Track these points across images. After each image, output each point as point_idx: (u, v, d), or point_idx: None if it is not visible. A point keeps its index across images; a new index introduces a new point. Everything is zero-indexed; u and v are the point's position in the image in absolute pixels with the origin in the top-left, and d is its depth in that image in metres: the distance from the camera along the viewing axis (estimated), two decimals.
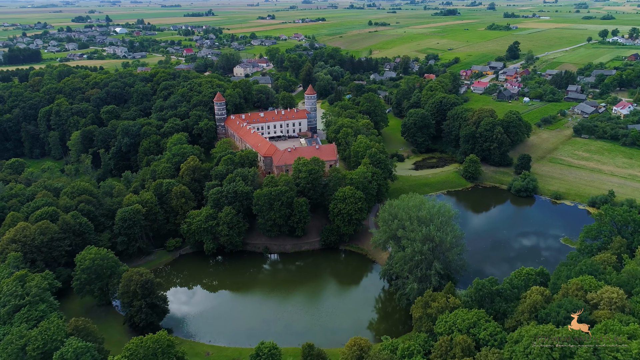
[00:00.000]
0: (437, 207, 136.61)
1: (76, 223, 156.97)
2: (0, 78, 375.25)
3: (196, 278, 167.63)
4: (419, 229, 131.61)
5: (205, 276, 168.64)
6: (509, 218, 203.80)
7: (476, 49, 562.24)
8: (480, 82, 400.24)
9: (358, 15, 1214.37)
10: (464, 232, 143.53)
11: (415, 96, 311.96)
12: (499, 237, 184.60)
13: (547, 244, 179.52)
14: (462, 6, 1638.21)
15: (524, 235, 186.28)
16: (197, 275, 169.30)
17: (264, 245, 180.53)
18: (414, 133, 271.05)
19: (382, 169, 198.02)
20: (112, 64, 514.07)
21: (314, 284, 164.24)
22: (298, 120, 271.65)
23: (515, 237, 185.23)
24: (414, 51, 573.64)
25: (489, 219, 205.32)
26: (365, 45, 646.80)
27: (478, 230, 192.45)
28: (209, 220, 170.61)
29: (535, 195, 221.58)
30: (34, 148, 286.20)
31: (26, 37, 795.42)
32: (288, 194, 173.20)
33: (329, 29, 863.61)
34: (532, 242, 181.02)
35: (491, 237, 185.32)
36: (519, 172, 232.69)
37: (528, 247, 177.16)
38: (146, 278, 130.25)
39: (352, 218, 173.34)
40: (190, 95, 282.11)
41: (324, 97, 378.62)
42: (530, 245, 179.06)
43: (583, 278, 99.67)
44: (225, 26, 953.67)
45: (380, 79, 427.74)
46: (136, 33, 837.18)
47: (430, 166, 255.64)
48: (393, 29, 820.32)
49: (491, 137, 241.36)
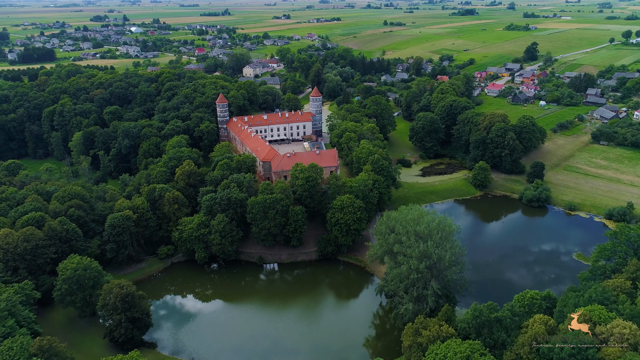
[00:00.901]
0: (436, 222, 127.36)
1: (63, 229, 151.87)
2: (11, 77, 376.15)
3: (187, 288, 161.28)
4: (416, 244, 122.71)
5: (196, 286, 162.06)
6: (518, 230, 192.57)
7: (492, 50, 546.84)
8: (495, 84, 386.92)
9: (374, 15, 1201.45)
10: (466, 247, 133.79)
11: (425, 99, 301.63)
12: (507, 251, 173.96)
13: (558, 259, 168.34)
14: (481, 6, 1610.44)
15: (533, 249, 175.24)
16: (188, 285, 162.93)
17: (259, 254, 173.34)
18: (422, 138, 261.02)
19: (385, 176, 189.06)
20: (124, 64, 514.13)
21: (308, 297, 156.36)
22: (302, 123, 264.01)
23: (525, 250, 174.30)
24: (428, 52, 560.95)
25: (498, 230, 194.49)
26: (379, 45, 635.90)
27: (485, 242, 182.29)
28: (200, 228, 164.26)
29: (548, 205, 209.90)
30: (37, 148, 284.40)
31: (44, 36, 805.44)
32: (283, 202, 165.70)
33: (343, 29, 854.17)
34: (542, 257, 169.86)
35: (499, 250, 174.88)
36: (532, 180, 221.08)
37: (537, 263, 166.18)
38: (127, 291, 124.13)
39: (350, 228, 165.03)
40: (193, 97, 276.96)
41: (332, 99, 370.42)
42: (540, 260, 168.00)
43: (592, 308, 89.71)
44: (239, 26, 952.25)
45: (392, 80, 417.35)
46: (151, 32, 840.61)
47: (438, 172, 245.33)
48: (408, 29, 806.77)
49: (502, 143, 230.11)
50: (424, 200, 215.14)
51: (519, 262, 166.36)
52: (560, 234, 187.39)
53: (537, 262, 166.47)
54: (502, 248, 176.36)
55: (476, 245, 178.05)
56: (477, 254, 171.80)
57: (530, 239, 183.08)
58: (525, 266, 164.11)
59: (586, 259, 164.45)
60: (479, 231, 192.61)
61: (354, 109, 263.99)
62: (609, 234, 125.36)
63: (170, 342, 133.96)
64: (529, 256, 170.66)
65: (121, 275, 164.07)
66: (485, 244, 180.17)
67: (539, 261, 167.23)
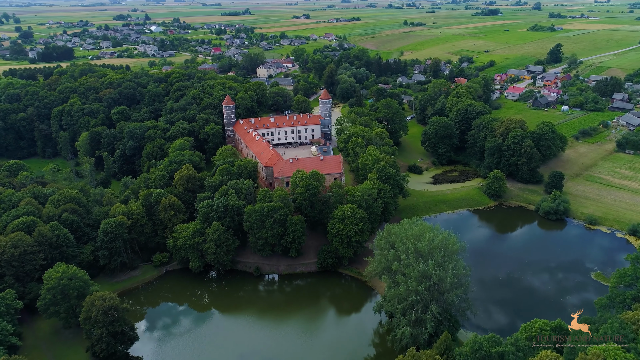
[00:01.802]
0: (439, 239, 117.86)
1: (53, 235, 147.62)
2: (26, 76, 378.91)
3: (179, 298, 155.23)
4: (416, 264, 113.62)
5: (190, 296, 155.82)
6: (533, 244, 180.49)
7: (514, 52, 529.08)
8: (516, 87, 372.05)
9: (395, 15, 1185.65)
10: (471, 267, 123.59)
11: (440, 102, 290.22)
12: (518, 267, 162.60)
13: (575, 279, 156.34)
14: (506, 6, 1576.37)
15: (548, 266, 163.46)
16: (181, 294, 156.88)
17: (256, 264, 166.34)
18: (435, 143, 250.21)
19: (392, 185, 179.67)
20: (140, 63, 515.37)
21: (305, 312, 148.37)
22: (311, 127, 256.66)
23: (538, 267, 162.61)
24: (447, 53, 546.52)
25: (510, 244, 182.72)
26: (397, 46, 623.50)
27: (496, 256, 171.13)
28: (195, 237, 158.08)
29: (567, 218, 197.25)
30: (46, 148, 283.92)
31: (66, 35, 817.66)
32: (282, 211, 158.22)
33: (362, 28, 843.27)
34: (557, 276, 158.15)
35: (510, 266, 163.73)
36: (550, 191, 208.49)
37: (551, 282, 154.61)
38: (109, 304, 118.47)
39: (351, 240, 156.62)
40: (201, 98, 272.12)
41: (346, 101, 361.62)
42: (554, 279, 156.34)
43: (607, 348, 79.43)
44: (258, 25, 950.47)
45: (407, 82, 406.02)
46: (170, 31, 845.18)
47: (451, 180, 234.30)
48: (428, 29, 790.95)
49: (519, 150, 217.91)
50: (434, 209, 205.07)
51: (531, 281, 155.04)
52: (578, 250, 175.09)
53: (551, 281, 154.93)
54: (513, 264, 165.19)
55: (486, 260, 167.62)
56: (487, 269, 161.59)
57: (545, 255, 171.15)
58: (537, 285, 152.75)
59: (606, 279, 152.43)
60: (490, 245, 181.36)
61: (364, 112, 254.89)
62: (630, 258, 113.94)
63: (157, 357, 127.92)
64: (542, 274, 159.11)
65: (114, 283, 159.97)
66: (496, 259, 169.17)
67: (553, 280, 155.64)
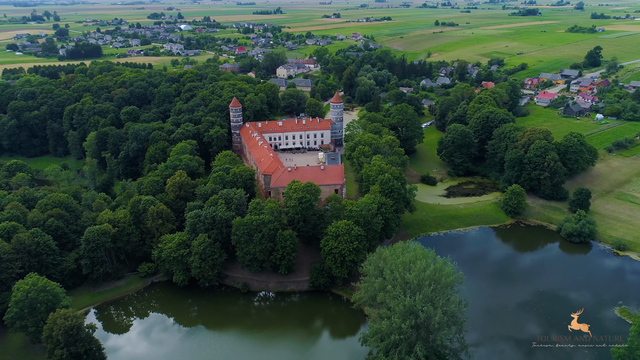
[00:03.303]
0: (431, 269, 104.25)
1: (33, 242, 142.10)
2: (48, 73, 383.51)
3: (161, 312, 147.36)
4: (402, 297, 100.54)
5: (173, 311, 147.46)
6: (551, 270, 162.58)
7: (550, 54, 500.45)
8: (547, 92, 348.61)
9: (427, 15, 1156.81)
10: (469, 303, 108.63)
11: (461, 108, 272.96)
12: (531, 296, 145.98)
13: (595, 313, 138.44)
14: (546, 6, 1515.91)
15: (566, 297, 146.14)
16: (164, 308, 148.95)
17: (244, 280, 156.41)
18: (452, 152, 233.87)
19: (395, 199, 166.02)
20: (163, 61, 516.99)
21: (291, 335, 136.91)
22: (320, 131, 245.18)
23: (554, 297, 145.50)
24: (477, 55, 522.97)
25: (525, 268, 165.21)
26: (426, 47, 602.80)
27: (506, 282, 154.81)
28: (180, 249, 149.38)
29: (592, 241, 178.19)
30: (57, 146, 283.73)
31: (99, 32, 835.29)
32: (271, 225, 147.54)
33: (391, 28, 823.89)
34: (574, 308, 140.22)
35: (521, 294, 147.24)
36: (575, 210, 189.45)
37: (566, 315, 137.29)
38: (71, 323, 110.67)
39: (345, 259, 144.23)
40: (210, 99, 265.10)
41: (364, 104, 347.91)
42: (570, 311, 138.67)
43: None
44: (287, 24, 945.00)
45: (431, 85, 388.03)
46: (198, 30, 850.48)
47: (466, 193, 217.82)
48: (460, 29, 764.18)
49: (542, 164, 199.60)
50: (444, 226, 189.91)
51: (543, 314, 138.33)
52: (602, 279, 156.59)
53: (565, 314, 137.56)
54: (526, 292, 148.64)
55: (496, 286, 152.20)
56: (496, 297, 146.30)
57: (564, 283, 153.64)
58: (550, 320, 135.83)
59: (631, 316, 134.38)
60: (502, 268, 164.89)
61: (376, 117, 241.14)
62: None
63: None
64: (557, 305, 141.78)
65: (96, 293, 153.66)
66: (508, 285, 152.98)
67: (568, 312, 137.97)
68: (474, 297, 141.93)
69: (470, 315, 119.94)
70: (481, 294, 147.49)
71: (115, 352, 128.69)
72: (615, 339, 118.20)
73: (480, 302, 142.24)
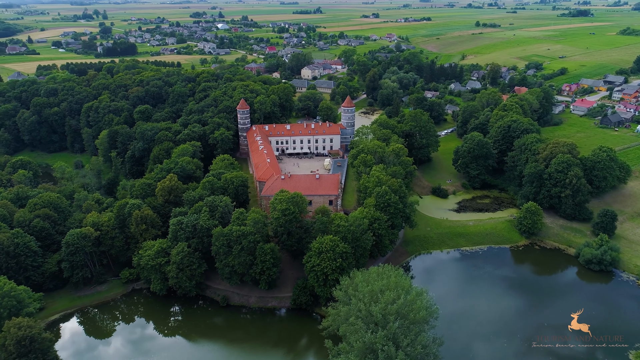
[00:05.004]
0: (399, 303, 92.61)
1: (11, 243, 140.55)
2: (77, 70, 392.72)
3: (138, 321, 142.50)
4: (363, 333, 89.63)
5: (149, 321, 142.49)
6: (561, 301, 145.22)
7: (595, 58, 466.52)
8: (585, 100, 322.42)
9: (470, 16, 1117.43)
10: (443, 341, 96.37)
11: (483, 116, 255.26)
12: (535, 333, 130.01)
13: (608, 354, 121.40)
14: (601, 6, 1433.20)
15: (575, 334, 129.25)
16: (141, 317, 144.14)
17: (225, 293, 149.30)
18: (468, 163, 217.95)
19: (391, 214, 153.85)
20: (192, 60, 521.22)
21: (265, 357, 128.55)
22: (329, 136, 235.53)
23: (561, 333, 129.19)
24: (515, 58, 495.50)
25: (532, 298, 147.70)
26: (461, 49, 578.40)
27: (508, 314, 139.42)
28: (159, 257, 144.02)
29: (615, 270, 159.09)
30: (74, 143, 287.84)
31: (140, 31, 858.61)
32: (251, 237, 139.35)
33: (429, 29, 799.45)
34: (583, 349, 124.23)
35: (523, 329, 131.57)
36: (597, 233, 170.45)
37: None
38: (24, 333, 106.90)
39: (327, 278, 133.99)
40: (221, 100, 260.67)
41: (385, 108, 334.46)
42: (579, 354, 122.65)
43: None
44: (323, 24, 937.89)
45: (459, 89, 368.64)
46: (234, 29, 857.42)
47: (479, 209, 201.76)
48: (501, 31, 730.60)
49: (563, 180, 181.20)
50: (448, 244, 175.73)
51: (546, 355, 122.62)
52: (620, 316, 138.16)
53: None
54: (530, 327, 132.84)
55: (494, 318, 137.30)
56: (494, 333, 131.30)
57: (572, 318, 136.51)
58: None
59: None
60: (505, 297, 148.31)
61: (388, 123, 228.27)
62: None
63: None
64: (563, 346, 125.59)
65: (76, 298, 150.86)
66: (508, 318, 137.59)
67: (576, 355, 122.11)
68: (460, 330, 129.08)
69: (454, 350, 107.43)
70: (477, 327, 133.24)
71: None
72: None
73: (470, 339, 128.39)
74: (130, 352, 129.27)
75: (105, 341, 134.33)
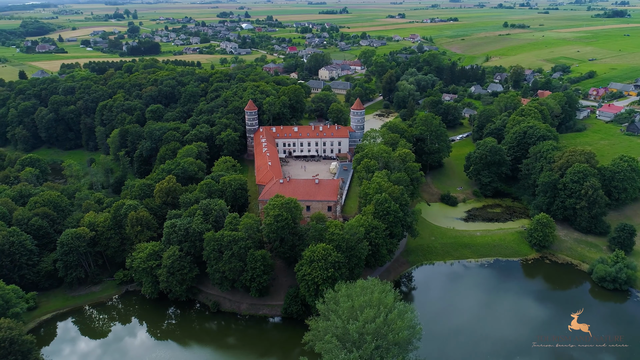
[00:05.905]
0: (378, 322, 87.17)
1: (7, 241, 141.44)
2: (98, 69, 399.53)
3: (128, 323, 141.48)
4: (337, 353, 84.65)
5: (140, 323, 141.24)
6: (569, 322, 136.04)
7: (627, 61, 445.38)
8: (613, 105, 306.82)
9: (500, 16, 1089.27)
10: None
11: (500, 120, 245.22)
12: (537, 356, 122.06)
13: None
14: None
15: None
16: (132, 319, 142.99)
17: (216, 299, 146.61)
18: (479, 170, 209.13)
19: (390, 223, 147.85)
20: (212, 60, 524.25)
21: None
22: (337, 139, 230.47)
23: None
24: (541, 60, 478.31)
25: (536, 318, 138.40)
26: (486, 50, 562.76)
27: (511, 336, 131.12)
28: (150, 259, 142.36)
29: (632, 289, 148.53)
30: (89, 141, 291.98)
31: (166, 30, 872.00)
32: (242, 242, 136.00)
33: (455, 30, 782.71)
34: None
35: (527, 354, 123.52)
36: (614, 248, 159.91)
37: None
38: (4, 335, 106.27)
39: (318, 288, 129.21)
40: (231, 100, 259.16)
41: (401, 110, 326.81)
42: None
43: None
44: (347, 24, 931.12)
45: (479, 92, 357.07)
46: (258, 29, 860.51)
47: (489, 218, 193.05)
48: (530, 32, 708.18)
49: (579, 191, 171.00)
50: (452, 254, 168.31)
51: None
52: (633, 339, 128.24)
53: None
54: (532, 350, 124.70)
55: (495, 339, 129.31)
56: (489, 353, 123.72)
57: (582, 341, 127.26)
58: None
59: None
60: (507, 317, 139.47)
61: (397, 127, 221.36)
62: None
63: None
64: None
65: (69, 297, 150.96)
66: (511, 340, 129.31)
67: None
68: (456, 349, 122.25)
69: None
70: (474, 346, 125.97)
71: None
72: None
73: (460, 356, 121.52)
74: (120, 355, 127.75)
75: (94, 342, 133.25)
